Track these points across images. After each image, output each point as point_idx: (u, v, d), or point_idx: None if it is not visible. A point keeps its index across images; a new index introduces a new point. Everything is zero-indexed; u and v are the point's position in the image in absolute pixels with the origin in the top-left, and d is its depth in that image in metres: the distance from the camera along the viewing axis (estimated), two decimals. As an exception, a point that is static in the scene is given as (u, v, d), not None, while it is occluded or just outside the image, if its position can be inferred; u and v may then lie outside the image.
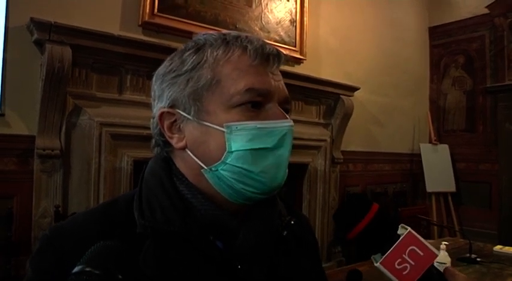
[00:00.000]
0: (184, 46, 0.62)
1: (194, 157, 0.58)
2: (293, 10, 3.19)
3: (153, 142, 0.65)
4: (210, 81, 0.57)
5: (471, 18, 4.31)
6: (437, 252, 0.54)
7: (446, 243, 1.92)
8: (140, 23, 2.37)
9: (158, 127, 0.61)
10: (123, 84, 2.27)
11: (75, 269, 0.45)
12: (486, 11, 4.15)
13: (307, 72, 3.14)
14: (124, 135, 2.18)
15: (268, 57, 0.59)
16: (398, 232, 0.54)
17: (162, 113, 0.60)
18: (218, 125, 0.56)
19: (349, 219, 0.57)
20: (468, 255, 2.15)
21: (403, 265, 0.51)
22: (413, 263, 0.51)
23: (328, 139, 3.39)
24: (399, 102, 4.25)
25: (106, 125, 2.13)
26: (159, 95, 0.61)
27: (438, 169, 4.11)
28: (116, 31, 2.22)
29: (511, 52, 4.03)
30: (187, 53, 0.60)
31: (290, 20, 3.17)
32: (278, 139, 0.57)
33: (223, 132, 0.56)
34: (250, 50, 0.58)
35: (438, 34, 4.63)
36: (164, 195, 0.57)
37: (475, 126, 4.33)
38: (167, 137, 0.61)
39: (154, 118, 0.62)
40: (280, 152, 0.57)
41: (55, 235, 0.57)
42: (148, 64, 2.22)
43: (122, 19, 2.33)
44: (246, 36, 0.60)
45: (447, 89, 4.57)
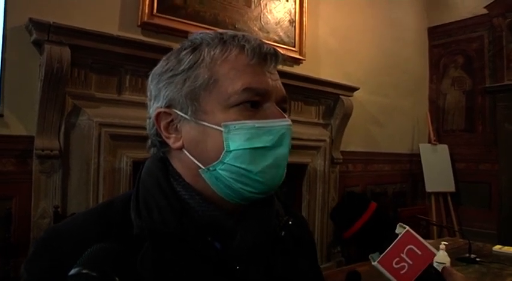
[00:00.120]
0: (180, 45, 0.62)
1: (191, 157, 0.58)
2: (292, 10, 3.19)
3: (149, 142, 0.64)
4: (208, 80, 0.57)
5: (470, 18, 4.31)
6: (435, 251, 0.53)
7: (445, 243, 1.92)
8: (139, 24, 2.37)
9: (155, 127, 0.61)
10: (122, 84, 2.27)
11: (72, 271, 0.45)
12: (485, 11, 4.16)
13: (306, 72, 3.14)
14: (123, 135, 2.17)
15: (265, 56, 0.59)
16: (396, 231, 0.53)
17: (159, 113, 0.59)
18: (216, 125, 0.56)
19: (346, 218, 0.57)
20: (468, 255, 2.15)
21: (401, 264, 0.51)
22: (411, 262, 0.51)
23: (327, 139, 3.39)
24: (399, 102, 4.25)
25: (105, 126, 2.13)
26: (156, 95, 0.61)
27: (438, 169, 4.11)
28: (115, 31, 2.22)
29: (510, 52, 4.03)
30: (183, 53, 0.59)
31: (289, 20, 3.17)
32: (277, 138, 0.57)
33: (221, 131, 0.55)
34: (247, 50, 0.57)
35: (437, 34, 4.63)
36: (161, 195, 0.57)
37: (475, 126, 4.33)
38: (164, 138, 0.60)
39: (150, 118, 0.62)
40: (279, 151, 0.57)
41: (52, 237, 0.56)
42: (147, 64, 2.18)
43: (121, 19, 2.33)
44: (243, 35, 0.60)
45: (446, 89, 4.57)
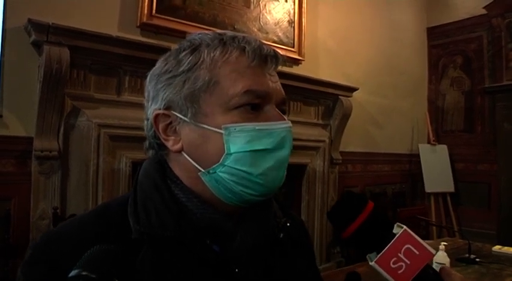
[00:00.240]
0: (178, 46, 0.61)
1: (191, 160, 0.57)
2: (291, 11, 3.19)
3: (147, 144, 0.63)
4: (208, 82, 0.56)
5: (469, 19, 4.32)
6: (433, 251, 0.53)
7: (445, 243, 1.92)
8: (138, 24, 2.37)
9: (153, 129, 0.60)
10: (121, 85, 2.27)
11: (71, 273, 0.45)
12: (484, 12, 4.16)
13: (305, 73, 3.14)
14: (122, 136, 2.17)
15: (266, 58, 0.58)
16: (393, 231, 0.53)
17: (157, 115, 0.58)
18: (216, 127, 0.55)
19: (343, 217, 0.57)
20: (467, 255, 2.15)
21: (399, 264, 0.50)
22: (408, 262, 0.50)
23: (326, 140, 3.39)
24: (398, 103, 4.25)
25: (104, 127, 2.12)
26: (154, 96, 0.60)
27: (437, 170, 4.11)
28: (114, 32, 2.22)
29: (509, 52, 4.04)
30: (183, 54, 0.58)
31: (288, 21, 3.17)
32: (278, 140, 0.56)
33: (221, 134, 0.55)
34: (248, 51, 0.57)
35: (436, 35, 4.63)
36: (159, 198, 0.57)
37: (474, 126, 4.34)
38: (162, 140, 0.59)
39: (148, 120, 0.61)
40: (280, 153, 0.57)
41: (50, 239, 0.56)
42: (146, 65, 2.17)
43: (120, 20, 2.33)
44: (243, 36, 0.59)
45: (445, 90, 4.57)
